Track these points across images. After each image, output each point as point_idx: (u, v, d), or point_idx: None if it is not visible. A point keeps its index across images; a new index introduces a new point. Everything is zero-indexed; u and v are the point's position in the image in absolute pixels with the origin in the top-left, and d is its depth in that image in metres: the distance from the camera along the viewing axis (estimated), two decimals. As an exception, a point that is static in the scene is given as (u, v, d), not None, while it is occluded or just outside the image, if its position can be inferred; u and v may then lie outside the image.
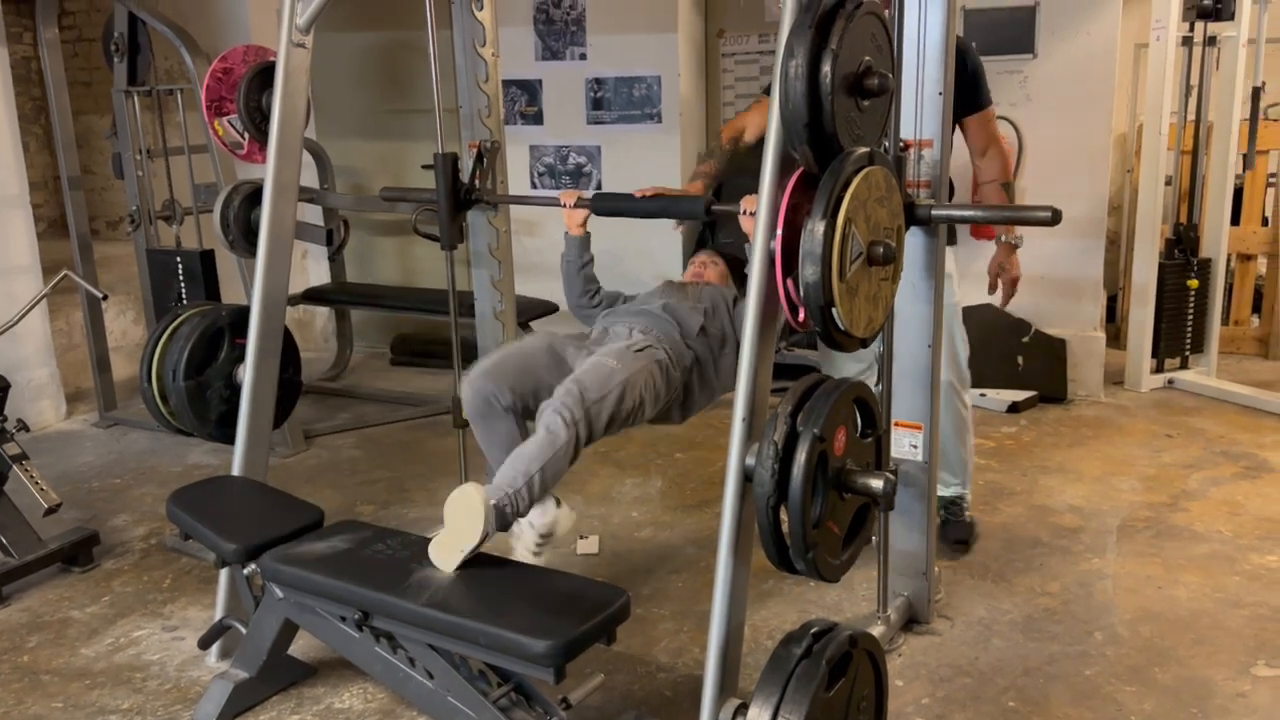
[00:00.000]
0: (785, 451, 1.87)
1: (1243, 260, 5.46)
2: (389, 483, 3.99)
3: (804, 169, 1.99)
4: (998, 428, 4.44)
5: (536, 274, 5.49)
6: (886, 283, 2.11)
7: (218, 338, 2.80)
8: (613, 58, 5.44)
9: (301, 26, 2.71)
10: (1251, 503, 3.55)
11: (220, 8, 5.62)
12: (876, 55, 1.97)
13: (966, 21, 4.62)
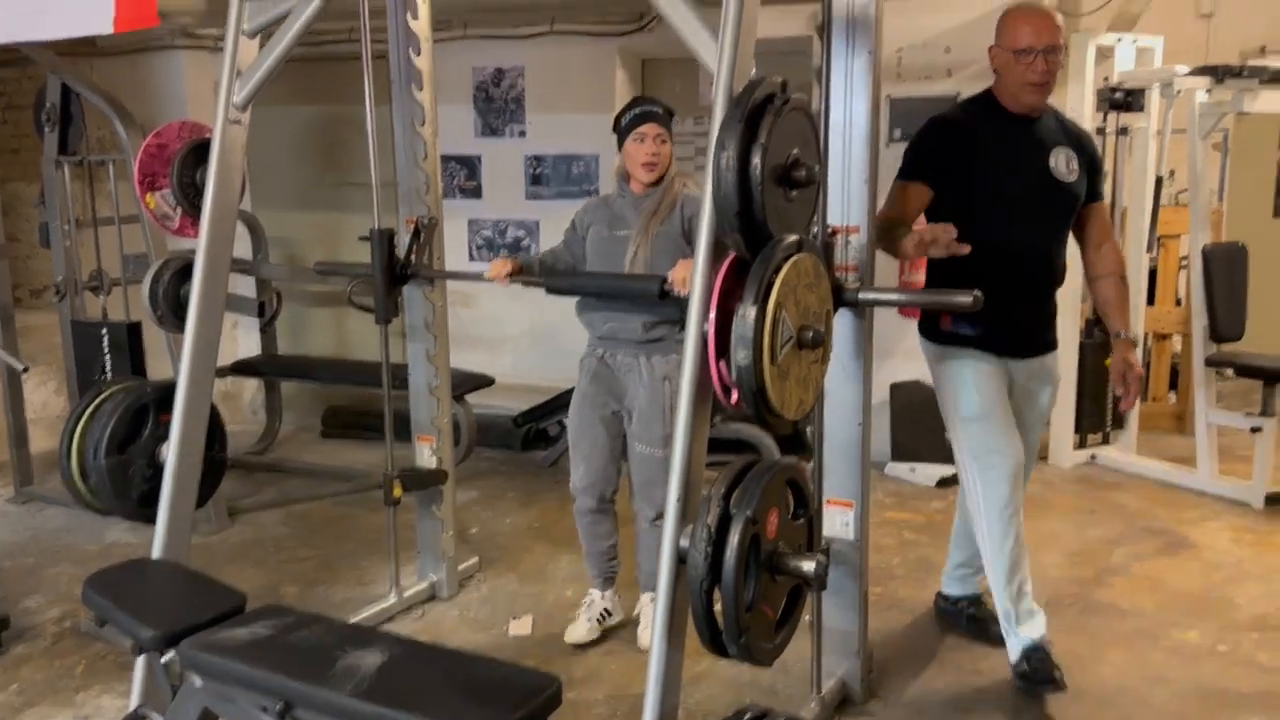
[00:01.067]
0: (718, 534, 1.88)
1: (1159, 339, 5.66)
2: (316, 562, 3.90)
3: (736, 255, 2.04)
4: (927, 502, 4.50)
5: (473, 346, 5.48)
6: (816, 365, 2.15)
7: (142, 414, 2.74)
8: (552, 136, 5.53)
9: (239, 104, 2.71)
10: (1172, 578, 3.64)
11: (157, 80, 5.60)
12: (804, 148, 2.04)
13: (892, 109, 4.79)
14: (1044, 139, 2.80)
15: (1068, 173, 2.79)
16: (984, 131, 2.80)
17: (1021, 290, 2.82)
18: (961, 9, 4.72)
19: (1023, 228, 2.79)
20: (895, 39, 4.70)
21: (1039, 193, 2.79)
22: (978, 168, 2.77)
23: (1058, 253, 2.89)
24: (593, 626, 3.28)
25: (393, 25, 3.25)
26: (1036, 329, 2.93)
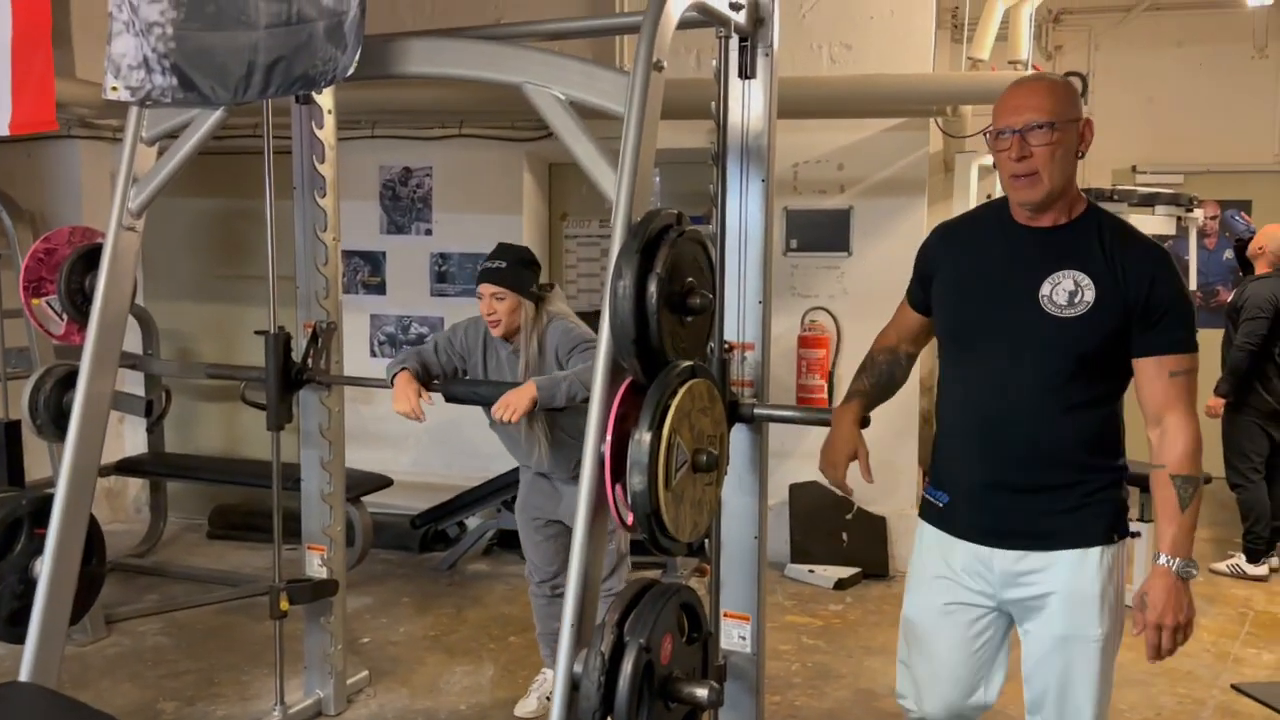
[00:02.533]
0: (612, 662, 1.87)
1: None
2: (197, 675, 3.73)
3: (633, 378, 2.07)
4: (826, 605, 4.54)
5: (374, 443, 5.40)
6: (711, 487, 2.18)
7: (15, 528, 2.62)
8: (458, 235, 5.56)
9: (134, 210, 2.68)
10: (1059, 684, 3.72)
11: (52, 169, 5.47)
12: (699, 276, 2.10)
13: (789, 221, 4.97)
14: (1045, 257, 2.08)
15: (1067, 305, 2.05)
16: (974, 243, 2.23)
17: (989, 460, 2.15)
18: (853, 129, 4.95)
19: (989, 373, 2.14)
20: (792, 155, 4.90)
21: (1017, 329, 2.09)
22: (948, 289, 2.23)
23: (1049, 415, 2.09)
24: (542, 704, 3.42)
25: (297, 133, 3.26)
26: (1014, 513, 2.13)
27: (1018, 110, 2.05)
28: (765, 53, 2.51)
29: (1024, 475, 2.12)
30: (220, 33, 2.45)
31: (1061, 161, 2.03)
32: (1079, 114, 2.07)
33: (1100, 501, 2.12)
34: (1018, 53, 4.93)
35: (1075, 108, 2.06)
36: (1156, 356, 2.05)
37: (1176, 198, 4.75)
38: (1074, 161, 2.07)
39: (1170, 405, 2.05)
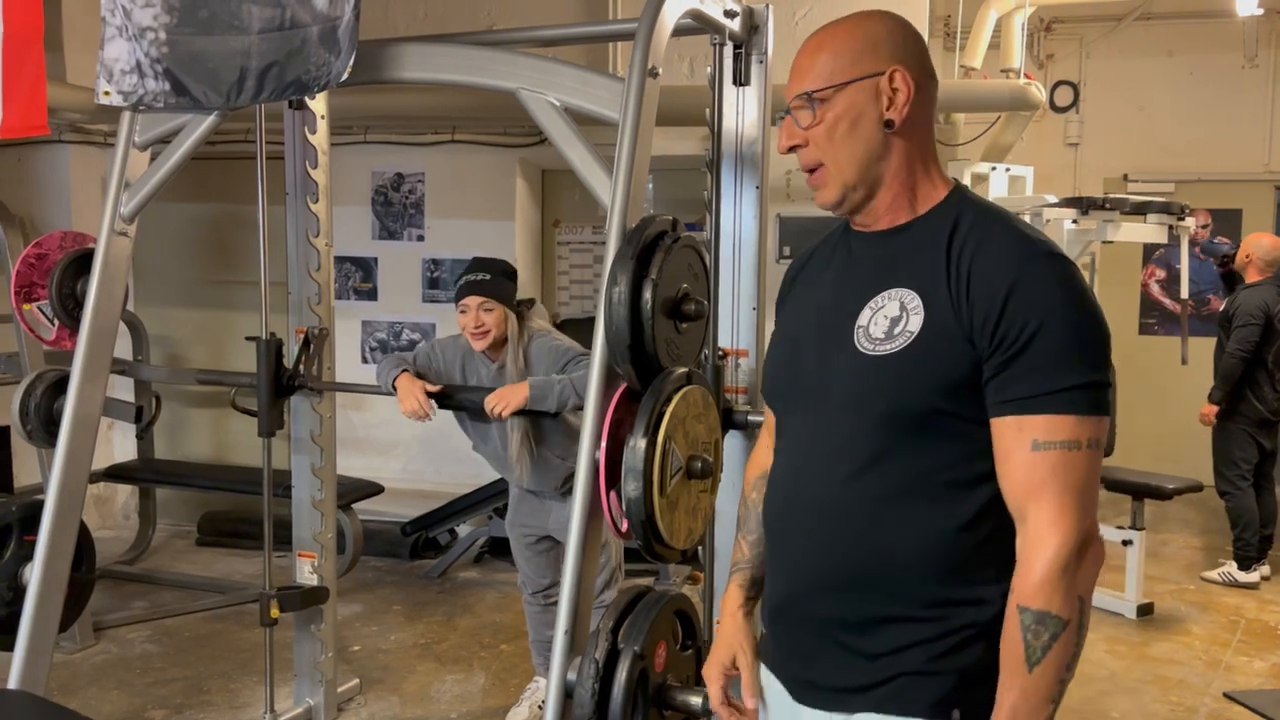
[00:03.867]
0: (606, 670, 1.86)
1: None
2: (185, 683, 3.70)
3: (627, 384, 2.06)
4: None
5: (363, 450, 5.38)
6: (706, 494, 2.18)
7: (4, 535, 2.60)
8: (451, 241, 5.55)
9: (125, 216, 2.66)
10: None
11: (42, 174, 5.45)
12: (693, 282, 2.09)
13: (782, 229, 4.97)
14: (875, 274, 1.40)
15: (884, 339, 1.34)
16: (813, 271, 1.57)
17: (793, 576, 1.46)
18: (847, 135, 4.95)
19: (790, 451, 1.48)
20: (786, 162, 4.89)
21: (822, 382, 1.41)
22: (774, 341, 1.59)
23: (857, 510, 1.36)
24: (533, 712, 3.39)
25: (289, 138, 3.25)
26: (822, 657, 1.42)
27: (790, 81, 1.44)
28: (759, 60, 2.51)
29: (829, 602, 1.40)
30: (213, 37, 2.44)
31: (847, 141, 1.37)
32: (874, 66, 1.36)
33: (940, 656, 1.33)
34: (1010, 61, 4.96)
35: (861, 59, 1.37)
36: (1015, 416, 1.26)
37: (1168, 206, 4.77)
38: (877, 135, 1.37)
39: (1032, 495, 1.26)
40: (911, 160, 1.41)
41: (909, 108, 1.37)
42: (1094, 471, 1.28)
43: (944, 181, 1.44)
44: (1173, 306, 6.81)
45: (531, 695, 3.46)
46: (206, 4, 2.43)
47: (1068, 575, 1.26)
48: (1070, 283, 1.30)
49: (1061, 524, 1.26)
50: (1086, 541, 1.27)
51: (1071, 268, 1.32)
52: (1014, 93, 4.63)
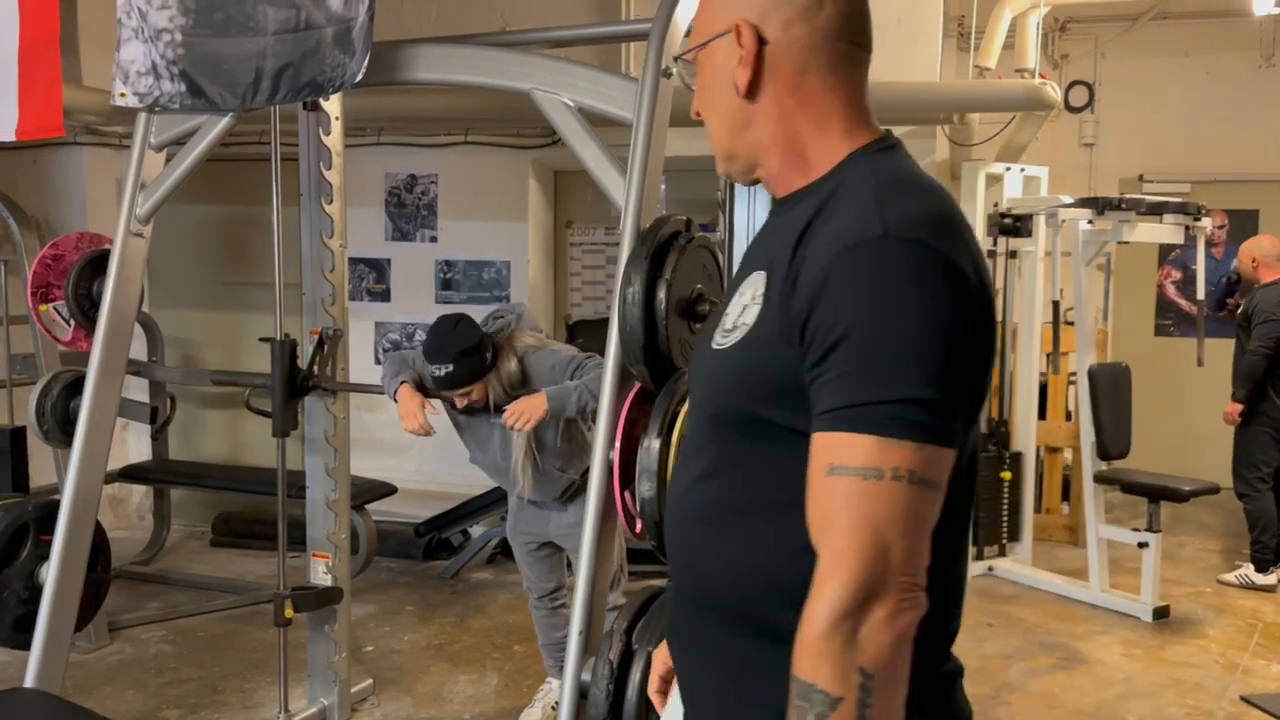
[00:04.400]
0: (620, 671, 1.85)
1: (1050, 452, 5.85)
2: (199, 683, 3.71)
3: (641, 385, 2.06)
4: (832, 616, 4.51)
5: (377, 451, 5.38)
6: (720, 495, 2.17)
7: (21, 534, 2.62)
8: (463, 242, 5.56)
9: (141, 217, 2.67)
10: (1068, 695, 3.70)
11: (58, 176, 5.48)
12: (707, 282, 2.09)
13: (796, 228, 4.95)
14: (754, 251, 1.26)
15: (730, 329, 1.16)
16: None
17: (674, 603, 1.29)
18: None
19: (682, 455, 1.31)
20: (799, 162, 4.88)
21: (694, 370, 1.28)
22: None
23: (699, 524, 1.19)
24: (546, 713, 3.40)
25: (304, 139, 3.26)
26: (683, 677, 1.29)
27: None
28: (774, 59, 2.50)
29: (683, 622, 1.25)
30: (228, 39, 2.45)
31: (714, 108, 1.22)
32: (723, 22, 1.18)
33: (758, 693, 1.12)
34: (1024, 61, 4.93)
35: (716, 15, 1.20)
36: (820, 433, 1.03)
37: (1184, 206, 4.74)
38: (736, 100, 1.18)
39: (823, 529, 1.01)
40: (792, 120, 1.17)
41: (753, 67, 1.16)
42: (903, 511, 0.98)
43: (846, 141, 1.18)
44: (1189, 308, 6.76)
45: (544, 696, 3.46)
46: (222, 6, 2.43)
47: (838, 638, 0.96)
48: (898, 272, 1.02)
49: (840, 571, 0.97)
50: (874, 595, 0.97)
51: (910, 253, 1.02)
52: (1029, 93, 4.61)
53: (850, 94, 1.19)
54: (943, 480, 1.01)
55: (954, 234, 1.06)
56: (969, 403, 1.06)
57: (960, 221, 1.09)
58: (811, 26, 1.15)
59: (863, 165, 1.15)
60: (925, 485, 0.99)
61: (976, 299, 1.04)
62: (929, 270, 1.02)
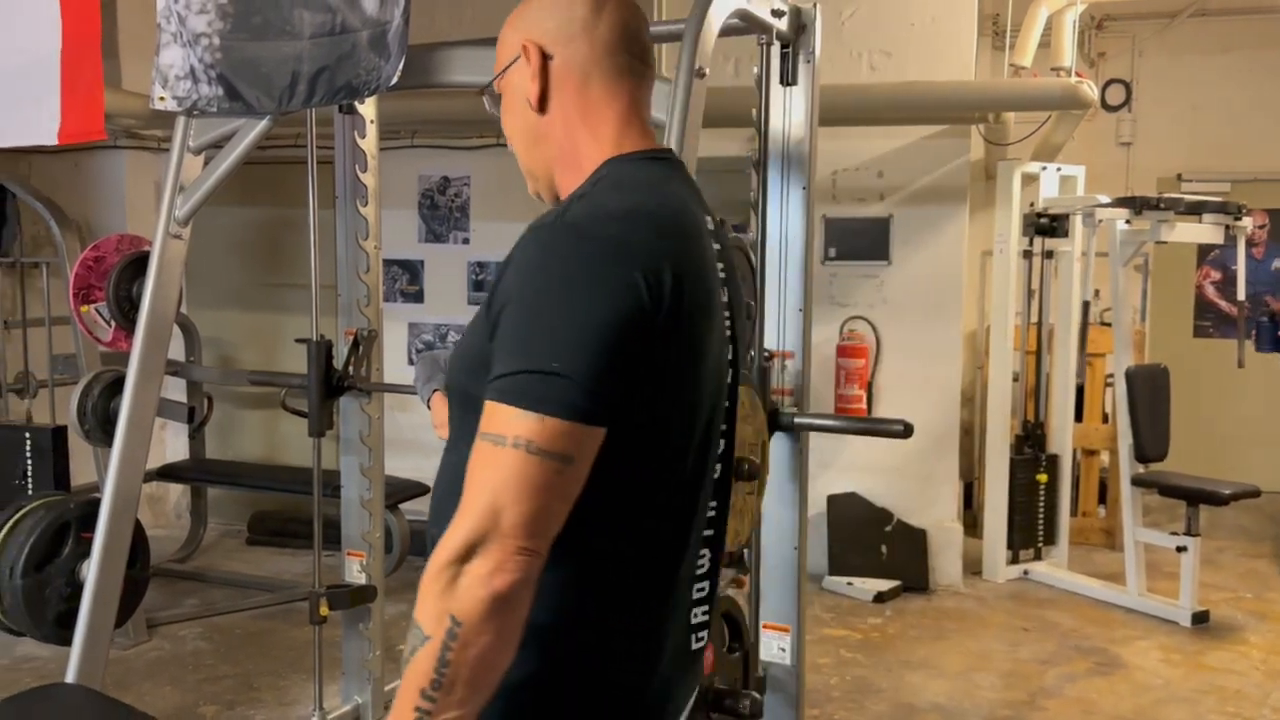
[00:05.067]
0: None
1: (1087, 454, 5.79)
2: (236, 680, 3.75)
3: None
4: (864, 618, 4.49)
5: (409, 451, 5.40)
6: (752, 496, 2.17)
7: (63, 532, 2.66)
8: (495, 243, 5.58)
9: (180, 219, 2.71)
10: (1105, 700, 3.66)
11: (97, 179, 5.56)
12: (742, 284, 2.08)
13: (827, 230, 4.94)
14: None
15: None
16: None
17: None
18: (893, 136, 4.91)
19: None
20: (831, 162, 4.87)
21: None
22: None
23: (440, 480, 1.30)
24: None
25: (340, 142, 3.29)
26: None
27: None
28: (807, 59, 2.50)
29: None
30: (265, 43, 2.48)
31: (516, 131, 1.32)
32: (514, 46, 1.27)
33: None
34: (1060, 59, 4.88)
35: (508, 41, 1.29)
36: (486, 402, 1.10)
37: (1225, 205, 4.67)
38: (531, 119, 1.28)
39: (464, 487, 1.07)
40: (575, 131, 1.26)
41: (540, 80, 1.25)
42: (515, 477, 1.04)
43: (613, 149, 1.25)
44: (1228, 308, 6.66)
45: None
46: (259, 10, 2.46)
47: (439, 583, 1.03)
48: (550, 254, 1.11)
49: (457, 524, 1.04)
50: (477, 551, 1.03)
51: (566, 237, 1.11)
52: (1065, 91, 4.56)
53: (627, 104, 1.26)
54: (573, 453, 1.06)
55: (634, 229, 1.13)
56: (626, 387, 1.09)
57: (662, 222, 1.16)
58: (590, 41, 1.24)
59: (613, 170, 1.23)
60: (544, 455, 1.04)
61: (636, 289, 1.08)
62: (578, 254, 1.10)
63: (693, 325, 1.15)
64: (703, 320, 1.18)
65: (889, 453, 4.75)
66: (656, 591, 1.21)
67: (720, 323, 1.26)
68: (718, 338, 1.24)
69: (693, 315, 1.15)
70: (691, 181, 1.33)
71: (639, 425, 1.13)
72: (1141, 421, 4.63)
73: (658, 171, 1.25)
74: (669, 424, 1.17)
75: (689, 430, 1.20)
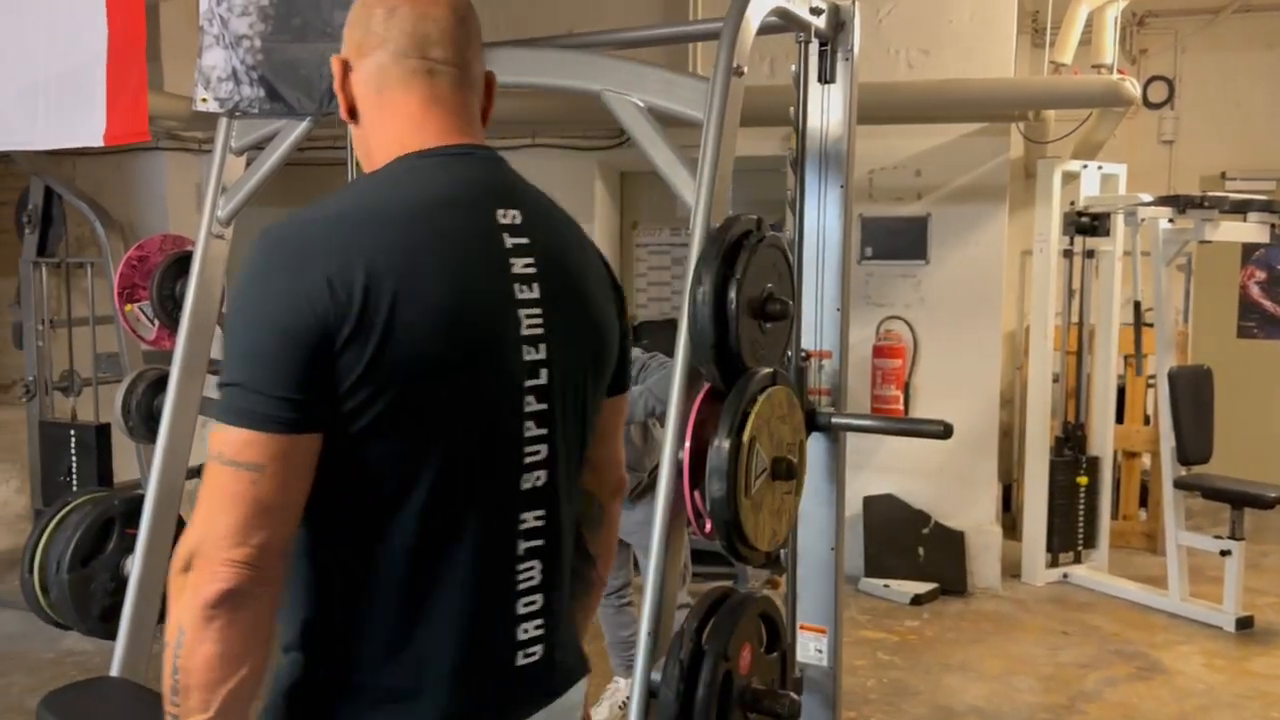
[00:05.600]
0: (690, 671, 1.85)
1: (1128, 457, 5.71)
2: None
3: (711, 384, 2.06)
4: (902, 621, 4.46)
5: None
6: (790, 496, 2.16)
7: (107, 528, 2.70)
8: (530, 244, 5.60)
9: (222, 220, 2.74)
10: (1146, 705, 3.60)
11: (140, 180, 5.65)
12: (778, 282, 2.07)
13: (863, 229, 4.91)
14: None
15: None
16: None
17: None
18: (931, 135, 4.88)
19: None
20: (868, 161, 4.84)
21: None
22: None
23: None
24: (613, 712, 3.46)
25: (378, 142, 3.31)
26: None
27: None
28: (845, 57, 2.48)
29: None
30: (306, 44, 2.50)
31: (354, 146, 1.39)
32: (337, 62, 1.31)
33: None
34: (1102, 56, 4.82)
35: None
36: None
37: (1270, 204, 4.59)
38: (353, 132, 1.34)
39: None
40: (374, 136, 1.30)
41: (344, 94, 1.30)
42: (221, 490, 1.08)
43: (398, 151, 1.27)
44: (1273, 309, 6.55)
45: (611, 695, 3.47)
46: (300, 12, 2.48)
47: (171, 593, 1.10)
48: (243, 265, 1.16)
49: (183, 535, 1.11)
50: (193, 563, 1.08)
51: (260, 247, 1.16)
52: (1106, 88, 4.50)
53: (418, 105, 1.26)
54: (263, 462, 1.07)
55: (327, 231, 1.15)
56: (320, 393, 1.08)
57: (370, 221, 1.16)
58: (383, 49, 1.26)
59: (381, 171, 1.26)
60: (236, 466, 1.07)
61: (312, 294, 1.08)
62: (265, 262, 1.14)
63: (413, 327, 1.11)
64: (439, 319, 1.14)
65: (926, 454, 4.72)
66: (418, 600, 1.19)
67: (498, 322, 1.21)
68: (496, 337, 1.20)
69: (407, 314, 1.11)
70: (498, 174, 1.31)
71: (369, 430, 1.11)
72: (1184, 423, 4.57)
73: (430, 166, 1.24)
74: (415, 429, 1.14)
75: (455, 435, 1.17)
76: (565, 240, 1.34)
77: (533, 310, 1.23)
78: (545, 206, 1.35)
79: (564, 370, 1.27)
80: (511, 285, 1.22)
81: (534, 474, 1.25)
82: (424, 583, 1.18)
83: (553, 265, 1.28)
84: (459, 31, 1.28)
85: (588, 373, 1.33)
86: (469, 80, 1.30)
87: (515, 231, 1.25)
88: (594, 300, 1.34)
